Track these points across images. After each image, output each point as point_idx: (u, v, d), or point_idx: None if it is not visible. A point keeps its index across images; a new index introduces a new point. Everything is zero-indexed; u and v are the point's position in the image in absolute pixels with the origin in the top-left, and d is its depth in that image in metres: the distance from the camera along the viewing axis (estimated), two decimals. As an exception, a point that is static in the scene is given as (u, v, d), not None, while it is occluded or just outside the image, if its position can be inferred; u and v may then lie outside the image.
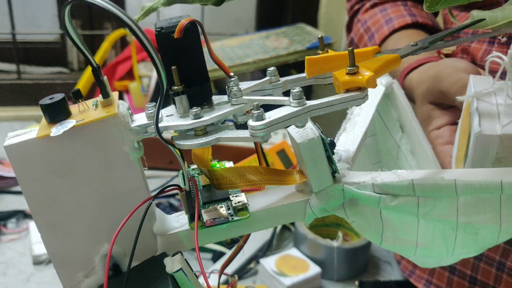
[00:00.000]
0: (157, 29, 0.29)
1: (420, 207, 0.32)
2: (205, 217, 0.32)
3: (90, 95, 1.19)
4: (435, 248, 0.35)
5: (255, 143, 0.35)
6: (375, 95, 0.44)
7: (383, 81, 0.46)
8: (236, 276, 0.47)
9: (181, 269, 0.29)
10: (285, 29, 1.33)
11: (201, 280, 0.32)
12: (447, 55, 0.60)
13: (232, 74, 0.33)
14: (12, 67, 1.37)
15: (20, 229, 0.85)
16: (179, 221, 0.33)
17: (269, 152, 0.87)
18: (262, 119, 0.28)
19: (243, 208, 0.33)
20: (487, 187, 0.30)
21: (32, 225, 0.84)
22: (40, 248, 0.78)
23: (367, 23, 0.73)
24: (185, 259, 0.31)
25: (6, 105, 1.33)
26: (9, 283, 0.72)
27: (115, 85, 1.26)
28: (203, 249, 0.76)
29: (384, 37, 0.68)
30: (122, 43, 1.33)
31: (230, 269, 0.71)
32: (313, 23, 1.41)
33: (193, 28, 0.30)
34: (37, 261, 0.77)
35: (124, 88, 1.24)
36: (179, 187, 0.32)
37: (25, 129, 0.33)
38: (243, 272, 0.75)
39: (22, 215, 0.88)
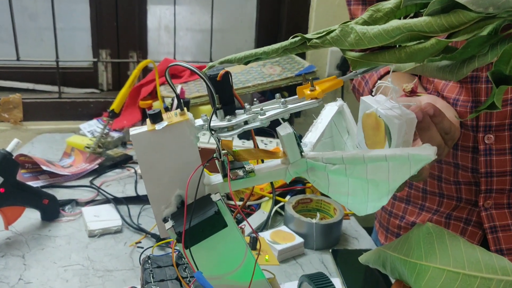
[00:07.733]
0: (209, 75, 0.55)
1: (347, 170, 0.56)
2: (231, 175, 0.57)
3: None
4: (358, 196, 0.59)
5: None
6: (331, 111, 0.70)
7: (338, 103, 0.71)
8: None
9: (220, 199, 0.55)
10: (278, 58, 1.45)
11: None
12: (411, 91, 0.71)
13: (245, 104, 0.59)
14: (54, 88, 1.56)
15: (75, 213, 1.05)
16: (217, 178, 0.57)
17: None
18: (265, 114, 0.54)
19: (252, 171, 0.57)
20: (378, 158, 0.55)
21: (84, 210, 1.04)
22: (93, 225, 0.97)
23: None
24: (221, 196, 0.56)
25: (49, 119, 1.51)
26: (73, 249, 0.92)
27: (139, 103, 1.42)
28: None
29: (374, 82, 0.88)
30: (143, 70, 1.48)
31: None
32: (301, 53, 1.57)
33: (226, 75, 0.55)
34: (92, 235, 0.96)
35: (147, 106, 1.38)
36: (217, 158, 0.57)
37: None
38: (248, 242, 0.98)
39: (75, 203, 1.09)
